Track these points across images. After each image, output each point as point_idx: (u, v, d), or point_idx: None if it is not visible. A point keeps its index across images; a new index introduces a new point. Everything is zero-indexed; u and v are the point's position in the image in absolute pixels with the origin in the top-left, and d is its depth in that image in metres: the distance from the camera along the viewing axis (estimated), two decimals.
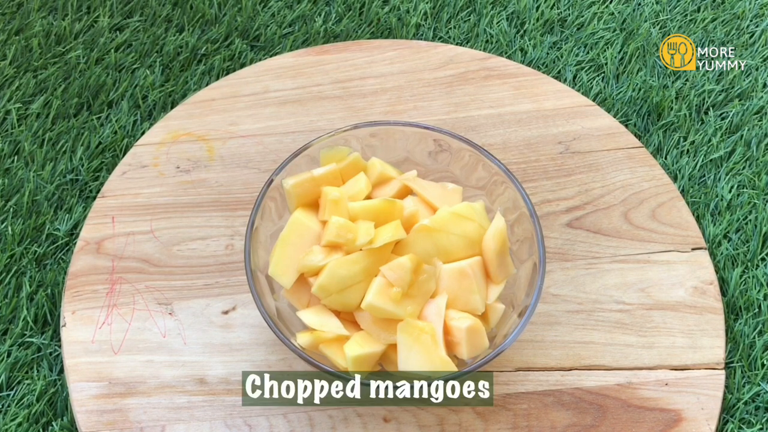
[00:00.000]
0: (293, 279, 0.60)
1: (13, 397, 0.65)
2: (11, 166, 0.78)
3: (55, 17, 0.90)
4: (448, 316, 0.57)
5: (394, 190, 0.63)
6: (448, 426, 0.61)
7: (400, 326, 0.57)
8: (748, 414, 0.65)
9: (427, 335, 0.56)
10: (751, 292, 0.70)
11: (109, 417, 0.62)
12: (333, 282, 0.57)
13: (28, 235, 0.73)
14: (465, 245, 0.60)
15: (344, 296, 0.58)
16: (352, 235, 0.58)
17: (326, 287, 0.57)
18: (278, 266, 0.60)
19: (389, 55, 0.83)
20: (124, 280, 0.68)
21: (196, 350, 0.65)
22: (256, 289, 0.58)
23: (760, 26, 0.90)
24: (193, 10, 0.90)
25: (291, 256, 0.60)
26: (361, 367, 0.57)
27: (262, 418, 0.62)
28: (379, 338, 0.57)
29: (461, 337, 0.56)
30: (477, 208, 0.61)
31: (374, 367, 0.59)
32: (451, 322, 0.57)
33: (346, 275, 0.57)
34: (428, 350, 0.56)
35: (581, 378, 0.63)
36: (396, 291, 0.56)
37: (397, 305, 0.57)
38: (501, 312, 0.60)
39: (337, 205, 0.60)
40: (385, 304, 0.56)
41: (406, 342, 0.56)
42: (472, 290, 0.58)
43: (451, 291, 0.58)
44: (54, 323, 0.68)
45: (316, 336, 0.58)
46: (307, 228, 0.60)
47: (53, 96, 0.83)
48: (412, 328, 0.56)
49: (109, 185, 0.74)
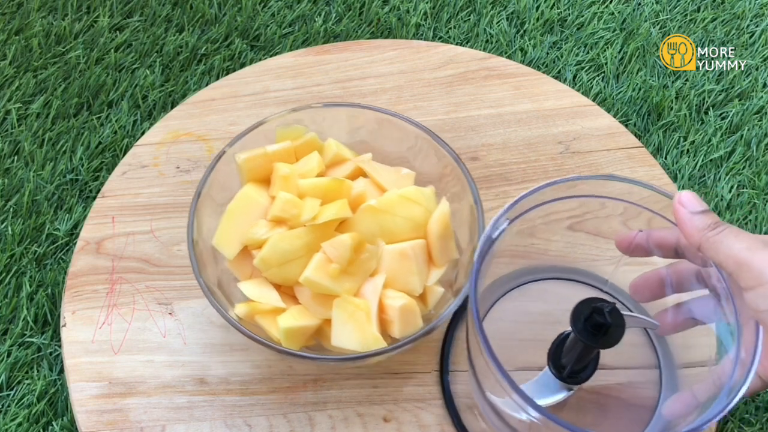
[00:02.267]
0: (236, 250, 0.60)
1: (13, 397, 0.65)
2: (11, 166, 0.78)
3: (55, 17, 0.90)
4: (385, 294, 0.58)
5: (347, 171, 0.64)
6: (447, 426, 0.61)
7: (335, 302, 0.57)
8: (748, 414, 0.65)
9: (362, 312, 0.57)
10: None
11: (109, 417, 0.62)
12: (274, 255, 0.58)
13: (28, 235, 0.73)
14: (410, 228, 0.61)
15: (285, 270, 0.58)
16: (297, 211, 0.59)
17: (267, 260, 0.58)
18: (223, 237, 0.61)
19: (389, 55, 0.83)
20: (124, 280, 0.68)
21: (196, 350, 0.65)
22: (196, 258, 0.59)
23: (760, 26, 0.90)
24: (193, 10, 0.90)
25: (237, 228, 0.60)
26: (294, 340, 0.57)
27: (262, 418, 0.62)
28: (315, 313, 0.58)
29: (394, 316, 0.57)
30: (426, 193, 0.62)
31: (309, 341, 0.59)
32: (386, 301, 0.58)
33: (288, 249, 0.58)
34: (361, 327, 0.56)
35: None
36: (334, 267, 0.57)
37: (335, 281, 0.57)
38: (440, 294, 0.61)
39: (287, 181, 0.61)
40: (322, 280, 0.57)
41: (341, 318, 0.57)
42: (412, 271, 0.59)
43: (391, 271, 0.59)
44: (54, 323, 0.68)
45: (252, 307, 0.58)
46: (255, 202, 0.61)
47: (53, 96, 0.83)
48: (348, 304, 0.57)
49: (109, 185, 0.74)
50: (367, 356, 0.56)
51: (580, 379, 0.57)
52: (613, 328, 0.51)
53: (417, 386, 0.63)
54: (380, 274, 0.59)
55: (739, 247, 0.45)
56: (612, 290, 0.66)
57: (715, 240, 0.47)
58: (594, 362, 0.57)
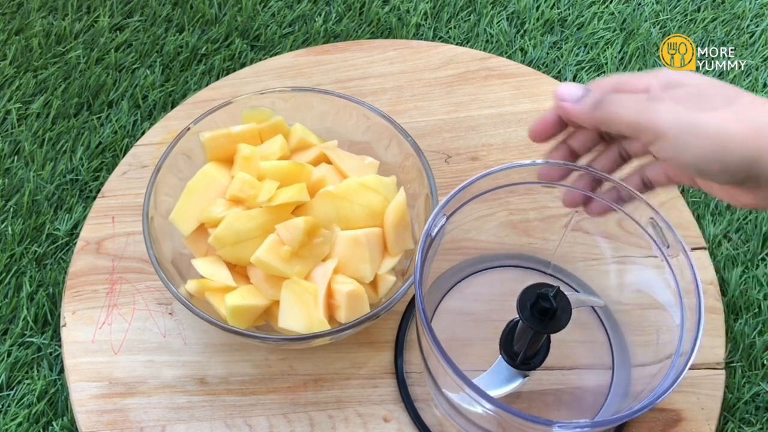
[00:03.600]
0: (193, 227, 0.61)
1: (13, 397, 0.65)
2: (11, 166, 0.78)
3: (55, 17, 0.90)
4: (335, 279, 0.59)
5: (312, 156, 0.65)
6: (448, 426, 0.61)
7: (284, 284, 0.58)
8: (748, 414, 0.65)
9: (310, 295, 0.57)
10: (751, 292, 0.70)
11: (109, 417, 0.62)
12: (229, 234, 0.58)
13: (28, 235, 0.73)
14: (367, 216, 0.61)
15: (238, 249, 0.59)
16: (254, 192, 0.59)
17: (222, 238, 0.58)
18: (180, 213, 0.61)
19: (389, 55, 0.83)
20: (124, 280, 0.68)
21: (196, 350, 0.65)
22: (149, 233, 0.59)
23: (760, 26, 0.90)
24: (193, 10, 0.90)
25: (195, 205, 0.61)
26: (241, 319, 0.58)
27: (263, 418, 0.62)
28: (265, 294, 0.59)
29: (341, 301, 0.58)
30: (386, 182, 0.63)
31: (258, 321, 0.60)
32: (335, 286, 0.58)
33: (243, 229, 0.58)
34: (308, 310, 0.57)
35: (581, 378, 0.63)
36: (286, 249, 0.57)
37: (286, 263, 0.58)
38: (391, 283, 0.61)
39: (248, 162, 0.61)
40: (273, 261, 0.57)
41: (289, 300, 0.57)
42: (364, 258, 0.60)
43: (344, 257, 0.60)
44: (54, 323, 0.68)
45: (203, 284, 0.59)
46: (215, 181, 0.62)
47: (53, 96, 0.83)
48: (296, 286, 0.57)
49: (109, 185, 0.74)
50: (310, 338, 0.57)
51: (533, 365, 0.58)
52: (560, 311, 0.52)
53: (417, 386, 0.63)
54: (332, 259, 0.60)
55: (627, 113, 0.46)
56: (556, 272, 0.67)
57: (604, 117, 0.47)
58: (546, 346, 0.58)
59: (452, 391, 0.54)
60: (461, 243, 0.65)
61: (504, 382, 0.58)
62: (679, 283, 0.54)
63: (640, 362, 0.61)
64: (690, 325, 0.51)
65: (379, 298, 0.61)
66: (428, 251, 0.55)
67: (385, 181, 0.63)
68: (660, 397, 0.48)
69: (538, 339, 0.55)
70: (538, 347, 0.57)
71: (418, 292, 0.51)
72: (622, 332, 0.64)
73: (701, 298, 0.51)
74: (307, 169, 0.62)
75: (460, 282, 0.67)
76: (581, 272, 0.67)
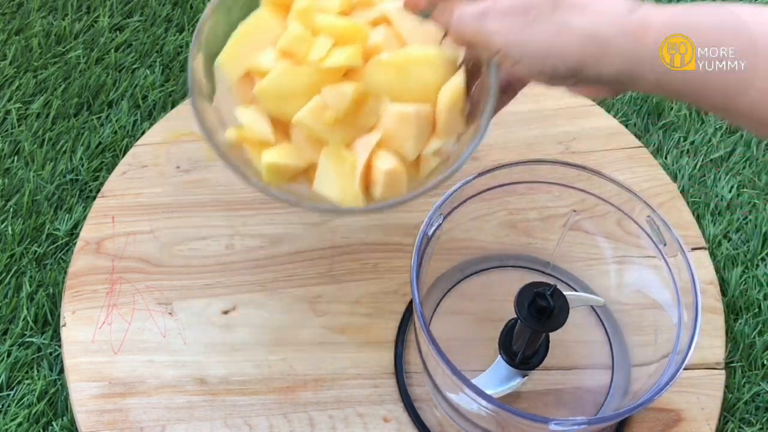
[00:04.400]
0: (240, 73, 0.57)
1: (13, 397, 0.65)
2: (11, 166, 0.78)
3: (55, 17, 0.90)
4: (376, 154, 0.55)
5: (373, 16, 0.59)
6: (448, 427, 0.61)
7: (324, 150, 0.55)
8: (748, 414, 0.65)
9: (348, 165, 0.54)
10: (751, 292, 0.70)
11: (109, 417, 0.62)
12: (274, 88, 0.55)
13: (28, 235, 0.73)
14: (420, 91, 0.56)
15: (282, 105, 0.55)
16: (305, 48, 0.55)
17: (266, 91, 0.55)
18: (229, 57, 0.57)
19: None
20: (124, 280, 0.68)
21: (196, 350, 0.65)
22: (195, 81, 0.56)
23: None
24: (193, 10, 0.90)
25: (244, 50, 0.57)
26: (276, 177, 0.55)
27: (262, 418, 0.62)
28: (303, 155, 0.56)
29: (379, 178, 0.54)
30: (447, 58, 0.56)
31: (292, 180, 0.57)
32: (375, 161, 0.55)
33: (289, 85, 0.55)
34: (344, 180, 0.54)
35: (581, 377, 0.63)
36: (330, 115, 0.54)
37: (328, 129, 0.54)
38: (433, 164, 0.57)
39: (304, 15, 0.56)
40: (315, 124, 0.54)
41: (326, 166, 0.55)
42: (410, 136, 0.55)
43: (389, 131, 0.55)
44: (54, 323, 0.68)
45: (242, 133, 0.56)
46: (269, 27, 0.57)
47: (53, 96, 0.83)
48: (336, 154, 0.54)
49: (109, 185, 0.74)
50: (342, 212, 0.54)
51: (533, 365, 0.58)
52: (557, 310, 0.52)
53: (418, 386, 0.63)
54: (377, 131, 0.55)
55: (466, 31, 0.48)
56: (555, 271, 0.67)
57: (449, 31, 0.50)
58: (545, 346, 0.58)
59: (451, 392, 0.54)
60: (461, 243, 0.65)
61: (503, 382, 0.59)
62: (677, 282, 0.54)
63: (639, 362, 0.61)
64: (688, 324, 0.51)
65: (419, 179, 0.57)
66: (425, 251, 0.55)
67: (447, 56, 0.56)
68: (656, 394, 0.48)
69: (536, 338, 0.56)
70: (536, 346, 0.57)
71: (416, 293, 0.51)
72: (622, 332, 0.64)
73: (698, 296, 0.51)
74: (364, 32, 0.56)
75: (460, 282, 0.67)
76: (580, 272, 0.67)
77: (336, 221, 0.71)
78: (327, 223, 0.72)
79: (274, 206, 0.72)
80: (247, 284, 0.68)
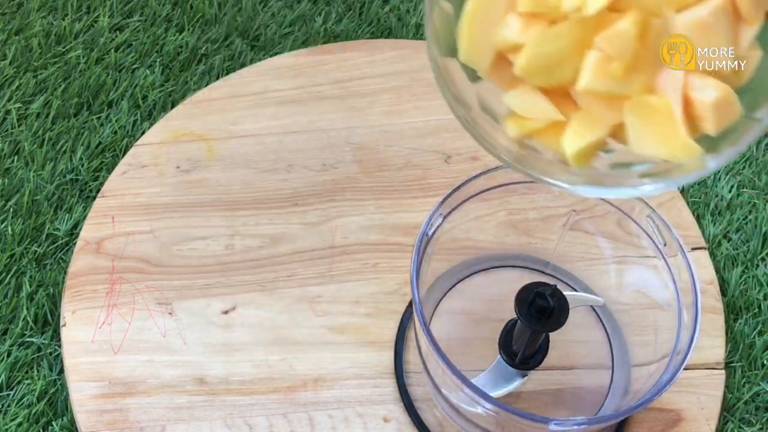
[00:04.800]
0: (490, 59, 0.46)
1: (13, 397, 0.65)
2: (11, 166, 0.78)
3: (55, 17, 0.90)
4: (688, 84, 0.44)
5: None
6: (448, 427, 0.61)
7: (626, 106, 0.44)
8: (748, 414, 0.65)
9: (663, 114, 0.44)
10: (751, 292, 0.70)
11: (109, 417, 0.62)
12: (537, 61, 0.44)
13: (28, 235, 0.73)
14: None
15: (554, 75, 0.45)
16: (554, 1, 0.44)
17: (530, 68, 0.44)
18: (470, 47, 0.46)
19: (389, 55, 0.83)
20: (124, 280, 0.68)
21: (196, 350, 0.65)
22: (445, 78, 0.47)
23: None
24: (193, 10, 0.90)
25: (483, 30, 0.46)
26: (586, 160, 0.46)
27: (262, 418, 0.62)
28: (603, 119, 0.46)
29: (706, 113, 0.44)
30: None
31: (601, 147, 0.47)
32: (693, 94, 0.44)
33: (553, 52, 0.44)
34: (665, 132, 0.44)
35: (581, 377, 0.63)
36: (617, 67, 0.43)
37: (621, 83, 0.44)
38: (758, 60, 0.45)
39: None
40: (605, 85, 0.44)
41: (636, 124, 0.45)
42: (718, 43, 0.44)
43: None
44: (54, 323, 0.68)
45: (524, 125, 0.47)
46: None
47: (53, 96, 0.83)
48: (642, 107, 0.44)
49: (109, 185, 0.74)
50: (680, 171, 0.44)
51: (532, 365, 0.58)
52: (557, 310, 0.52)
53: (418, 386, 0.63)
54: None
55: None
56: (555, 271, 0.67)
57: None
58: (545, 346, 0.58)
59: (451, 392, 0.54)
60: (461, 243, 0.65)
61: (503, 382, 0.59)
62: (677, 282, 0.54)
63: (639, 362, 0.61)
64: (688, 324, 0.51)
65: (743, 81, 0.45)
66: (425, 251, 0.55)
67: None
68: (656, 394, 0.48)
69: (536, 338, 0.56)
70: (536, 346, 0.57)
71: (416, 293, 0.51)
72: (622, 332, 0.64)
73: (698, 296, 0.51)
74: None
75: (460, 282, 0.67)
76: (580, 272, 0.67)
77: (335, 221, 0.72)
78: (327, 222, 0.72)
79: (274, 206, 0.73)
80: (247, 284, 0.68)
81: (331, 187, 0.74)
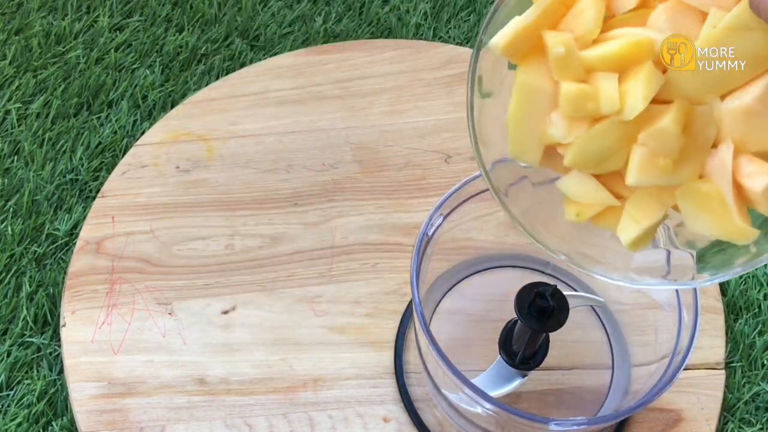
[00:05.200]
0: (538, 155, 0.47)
1: (13, 397, 0.65)
2: (11, 166, 0.78)
3: (55, 17, 0.90)
4: (738, 170, 0.43)
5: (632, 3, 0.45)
6: (448, 427, 0.61)
7: (678, 194, 0.45)
8: (748, 414, 0.65)
9: (714, 201, 0.44)
10: (751, 292, 0.70)
11: (109, 417, 0.62)
12: (586, 158, 0.45)
13: (28, 235, 0.73)
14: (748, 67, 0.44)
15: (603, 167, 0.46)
16: (593, 105, 0.44)
17: (579, 163, 0.46)
18: (518, 145, 0.48)
19: (389, 55, 0.83)
20: (124, 280, 0.68)
21: (196, 350, 0.65)
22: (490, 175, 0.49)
23: None
24: (193, 10, 0.90)
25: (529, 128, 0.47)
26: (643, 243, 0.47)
27: (262, 418, 0.62)
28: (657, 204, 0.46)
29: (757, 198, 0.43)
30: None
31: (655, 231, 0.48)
32: (742, 180, 0.43)
33: (599, 149, 0.45)
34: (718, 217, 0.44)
35: (581, 377, 0.63)
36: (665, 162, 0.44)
37: (671, 175, 0.44)
38: None
39: (565, 64, 0.45)
40: (654, 180, 0.44)
41: (690, 210, 0.45)
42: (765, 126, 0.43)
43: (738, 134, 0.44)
44: (54, 323, 0.68)
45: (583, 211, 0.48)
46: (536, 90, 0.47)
47: (53, 96, 0.83)
48: (693, 194, 0.44)
49: (109, 185, 0.74)
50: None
51: (532, 365, 0.58)
52: (558, 310, 0.52)
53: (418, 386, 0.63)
54: (725, 142, 0.44)
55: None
56: (555, 271, 0.67)
57: None
58: (545, 346, 0.58)
59: (451, 392, 0.54)
60: (460, 243, 0.65)
61: (503, 382, 0.59)
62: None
63: (639, 361, 0.61)
64: (688, 324, 0.51)
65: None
66: (425, 251, 0.55)
67: None
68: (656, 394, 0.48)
69: (536, 338, 0.56)
70: (536, 346, 0.57)
71: (415, 293, 0.51)
72: (622, 332, 0.64)
73: (698, 296, 0.51)
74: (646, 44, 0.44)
75: (460, 282, 0.67)
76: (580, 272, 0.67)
77: (335, 221, 0.72)
78: (327, 222, 0.72)
79: (274, 206, 0.73)
80: (247, 284, 0.68)
81: (331, 187, 0.74)
